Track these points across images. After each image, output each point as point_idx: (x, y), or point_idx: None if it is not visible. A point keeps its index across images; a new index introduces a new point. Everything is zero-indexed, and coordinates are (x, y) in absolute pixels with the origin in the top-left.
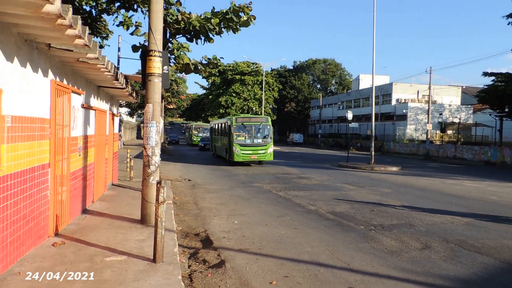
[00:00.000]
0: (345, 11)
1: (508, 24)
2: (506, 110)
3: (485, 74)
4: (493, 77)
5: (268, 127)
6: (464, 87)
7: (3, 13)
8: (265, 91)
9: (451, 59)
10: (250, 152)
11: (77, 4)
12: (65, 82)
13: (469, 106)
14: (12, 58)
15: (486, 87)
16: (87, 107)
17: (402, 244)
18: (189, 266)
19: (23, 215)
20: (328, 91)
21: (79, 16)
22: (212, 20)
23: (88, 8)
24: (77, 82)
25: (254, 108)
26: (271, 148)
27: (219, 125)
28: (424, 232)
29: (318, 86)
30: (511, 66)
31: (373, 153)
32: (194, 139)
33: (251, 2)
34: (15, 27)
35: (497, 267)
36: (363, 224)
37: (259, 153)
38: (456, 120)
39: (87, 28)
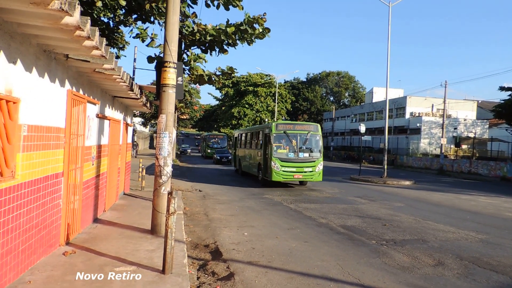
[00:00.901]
0: (360, 20)
1: None
2: None
3: (502, 88)
4: (510, 92)
5: (318, 137)
6: (479, 101)
7: (24, 24)
8: (278, 103)
9: (467, 73)
10: (294, 169)
11: (95, 16)
12: (81, 92)
13: (485, 120)
14: (31, 69)
15: (502, 101)
16: (101, 116)
17: (415, 260)
18: (198, 278)
19: (35, 224)
20: (341, 103)
21: (97, 28)
22: (227, 29)
23: (106, 20)
24: (92, 92)
25: (266, 120)
26: (320, 165)
27: (249, 134)
28: (438, 248)
29: (331, 98)
30: None
31: (385, 166)
32: (209, 151)
33: (265, 13)
34: (35, 38)
35: None
36: (375, 239)
37: (305, 172)
38: (471, 135)
39: (104, 39)
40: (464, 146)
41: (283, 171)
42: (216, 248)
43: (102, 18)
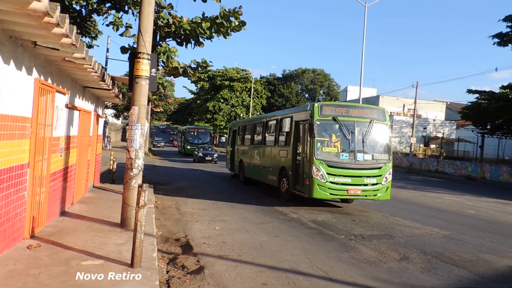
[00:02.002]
0: (336, 18)
1: (494, 44)
2: (488, 127)
3: (470, 91)
4: (477, 95)
5: (385, 128)
6: (448, 102)
7: None
8: (253, 98)
9: (437, 74)
10: (349, 180)
11: (67, 3)
12: (49, 81)
13: (453, 121)
14: None
15: (470, 104)
16: (71, 107)
17: (381, 255)
18: (167, 272)
19: None
20: (316, 101)
21: (67, 15)
22: (203, 24)
23: (78, 7)
24: (62, 81)
25: (241, 115)
26: (389, 174)
27: (262, 124)
28: (403, 243)
29: (306, 95)
30: (495, 84)
31: None
32: (188, 147)
33: (241, 6)
34: (0, 23)
35: (472, 280)
36: (344, 234)
37: (366, 185)
38: (440, 135)
39: (75, 27)
40: (432, 146)
41: (332, 182)
42: (186, 242)
43: (74, 6)
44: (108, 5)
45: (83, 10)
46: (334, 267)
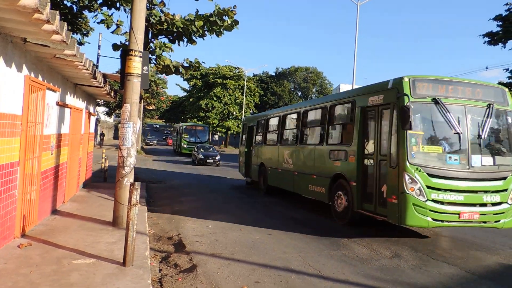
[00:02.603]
0: (330, 16)
1: (484, 43)
2: None
3: None
4: None
5: (509, 116)
6: None
7: None
8: (246, 96)
9: (429, 71)
10: (461, 197)
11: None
12: (40, 78)
13: None
14: None
15: None
16: (62, 104)
17: (373, 252)
18: (160, 270)
19: None
20: (308, 99)
21: (58, 12)
22: (196, 22)
23: (69, 4)
24: (53, 78)
25: (234, 113)
26: None
27: (300, 114)
28: (395, 241)
29: (299, 93)
30: None
31: None
32: (185, 146)
33: (235, 6)
34: None
35: (462, 277)
36: (336, 232)
37: (486, 204)
38: None
39: (65, 24)
40: None
41: (434, 201)
42: (179, 240)
43: (65, 2)
44: (99, 1)
45: (74, 7)
46: (326, 264)
